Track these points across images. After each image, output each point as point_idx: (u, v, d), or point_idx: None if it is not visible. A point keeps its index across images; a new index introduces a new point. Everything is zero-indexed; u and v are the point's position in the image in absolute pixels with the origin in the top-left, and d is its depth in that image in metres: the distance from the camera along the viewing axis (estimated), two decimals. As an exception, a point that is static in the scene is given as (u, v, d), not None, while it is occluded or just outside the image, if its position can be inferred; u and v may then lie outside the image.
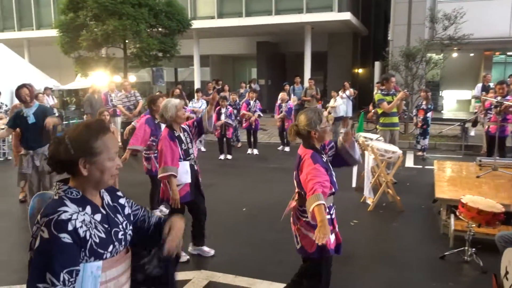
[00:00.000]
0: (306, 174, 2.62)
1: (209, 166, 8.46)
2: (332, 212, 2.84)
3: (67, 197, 1.50)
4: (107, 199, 1.66)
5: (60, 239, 1.39)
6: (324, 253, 2.70)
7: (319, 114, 2.79)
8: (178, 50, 13.94)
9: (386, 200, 5.88)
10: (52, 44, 14.28)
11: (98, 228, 1.52)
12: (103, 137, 1.53)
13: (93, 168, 1.51)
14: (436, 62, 11.68)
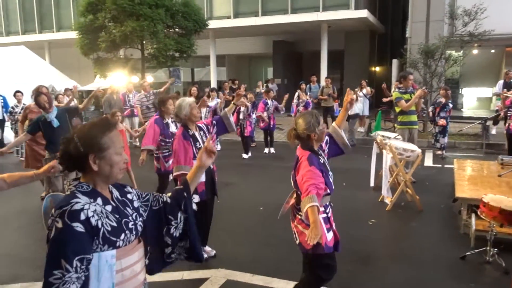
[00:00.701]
0: (301, 175, 2.70)
1: (226, 165, 8.50)
2: (329, 211, 2.89)
3: (78, 191, 1.60)
4: (116, 194, 1.75)
5: (73, 227, 1.48)
6: (318, 250, 2.75)
7: (316, 116, 2.84)
8: (194, 50, 14.05)
9: (404, 199, 5.81)
10: (72, 45, 14.57)
11: (109, 217, 1.61)
12: (109, 133, 1.63)
13: (102, 163, 1.61)
14: (456, 59, 11.46)
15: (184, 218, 1.91)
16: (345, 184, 6.80)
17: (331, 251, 2.83)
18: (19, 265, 4.13)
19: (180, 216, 1.90)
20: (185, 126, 3.93)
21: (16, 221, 5.37)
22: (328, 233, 2.81)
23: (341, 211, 5.55)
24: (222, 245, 4.46)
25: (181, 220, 1.90)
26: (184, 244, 1.93)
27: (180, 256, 1.95)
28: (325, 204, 2.84)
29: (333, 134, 3.15)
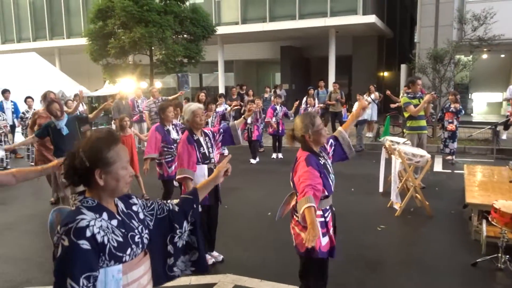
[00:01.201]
0: (298, 176, 2.68)
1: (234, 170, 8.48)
2: (327, 215, 2.83)
3: (84, 206, 1.57)
4: (121, 207, 1.72)
5: (79, 245, 1.46)
6: (312, 254, 2.72)
7: (312, 117, 2.83)
8: (202, 56, 14.13)
9: (414, 205, 5.76)
10: (82, 52, 14.73)
11: (115, 232, 1.58)
12: (115, 147, 1.61)
13: (108, 178, 1.58)
14: (465, 64, 11.38)
15: (190, 229, 1.90)
16: (353, 190, 6.76)
17: (325, 256, 2.80)
18: (29, 269, 4.15)
19: (185, 225, 1.89)
20: (190, 130, 3.95)
21: (26, 226, 5.42)
22: (323, 237, 2.76)
23: (350, 216, 5.53)
24: (230, 250, 4.45)
25: (186, 230, 1.90)
26: (192, 256, 1.93)
27: (186, 271, 1.94)
28: (324, 208, 2.80)
29: (339, 137, 3.13)
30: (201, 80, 23.53)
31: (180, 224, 1.87)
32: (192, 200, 1.93)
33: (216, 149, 4.12)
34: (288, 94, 17.11)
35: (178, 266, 1.92)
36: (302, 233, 2.76)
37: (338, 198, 6.20)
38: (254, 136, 9.41)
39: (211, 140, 4.02)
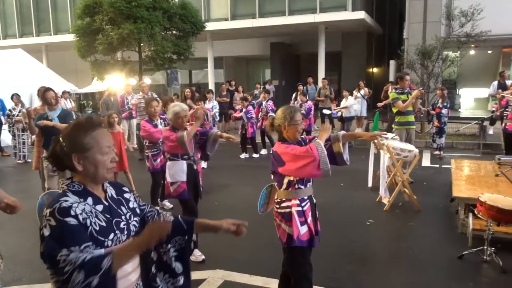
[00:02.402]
0: (291, 157, 2.71)
1: (223, 166, 8.51)
2: (305, 205, 2.86)
3: (69, 190, 1.60)
4: (111, 193, 1.73)
5: (67, 222, 1.47)
6: (291, 243, 2.79)
7: (293, 111, 2.85)
8: (192, 52, 14.06)
9: (402, 199, 5.82)
10: (69, 48, 14.57)
11: (98, 217, 1.59)
12: (92, 133, 1.61)
13: (86, 163, 1.60)
14: (453, 60, 11.51)
15: (175, 254, 1.86)
16: (343, 185, 6.81)
17: (304, 245, 2.82)
18: (19, 267, 4.11)
19: (169, 246, 1.85)
20: (173, 127, 4.08)
21: (16, 224, 5.35)
22: (301, 226, 2.81)
23: (339, 211, 5.58)
24: (220, 246, 4.46)
25: (169, 251, 1.85)
26: (176, 282, 1.88)
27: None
28: (300, 197, 2.85)
29: (333, 145, 2.93)
30: (191, 77, 23.42)
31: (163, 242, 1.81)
32: (185, 231, 1.85)
33: (197, 149, 4.14)
34: (278, 91, 17.12)
35: (161, 280, 1.87)
36: (282, 224, 2.85)
37: (328, 193, 6.26)
38: (249, 133, 9.41)
39: (192, 139, 4.06)
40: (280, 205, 2.89)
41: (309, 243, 2.85)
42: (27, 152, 9.99)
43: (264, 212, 3.15)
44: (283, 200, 2.87)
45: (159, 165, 5.43)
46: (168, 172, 4.09)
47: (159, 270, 1.87)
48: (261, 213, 3.16)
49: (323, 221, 5.16)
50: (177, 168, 4.00)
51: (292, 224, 2.80)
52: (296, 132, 2.84)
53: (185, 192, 4.03)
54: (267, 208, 3.14)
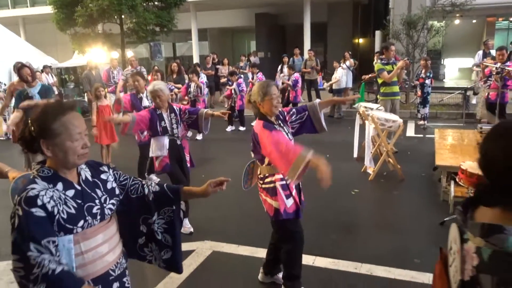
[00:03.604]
0: (269, 144, 2.65)
1: (210, 139, 8.49)
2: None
3: (39, 176, 1.54)
4: (86, 175, 1.67)
5: (33, 213, 1.44)
6: (279, 216, 2.84)
7: (267, 86, 2.82)
8: (175, 24, 13.74)
9: (387, 169, 5.92)
10: (48, 21, 14.09)
11: (68, 204, 1.54)
12: (62, 118, 1.53)
13: (55, 149, 1.54)
14: (438, 30, 11.48)
15: (164, 227, 1.86)
16: (328, 156, 6.87)
17: (291, 217, 2.88)
18: (6, 244, 4.09)
19: (156, 218, 1.85)
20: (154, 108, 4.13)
21: (2, 201, 5.29)
22: (287, 200, 2.85)
23: (325, 182, 5.65)
24: (208, 218, 4.51)
25: (156, 221, 1.85)
26: (165, 254, 1.88)
27: (157, 264, 1.91)
28: None
29: (310, 111, 3.06)
30: (175, 50, 22.97)
31: (151, 213, 1.83)
32: (172, 200, 1.84)
33: (183, 126, 4.19)
34: (264, 63, 16.94)
35: (152, 250, 1.88)
36: (267, 199, 2.89)
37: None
38: (237, 106, 9.38)
39: (177, 117, 4.12)
40: (264, 181, 2.92)
41: (295, 215, 2.91)
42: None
43: (248, 188, 3.18)
44: (266, 176, 2.90)
45: (147, 137, 5.42)
46: (151, 148, 4.20)
47: (150, 241, 1.86)
48: (245, 189, 3.19)
49: (308, 192, 5.23)
50: (158, 143, 4.10)
51: (277, 198, 2.84)
52: (272, 107, 2.81)
53: (167, 165, 4.13)
54: (251, 183, 3.17)
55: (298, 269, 3.00)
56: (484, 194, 1.13)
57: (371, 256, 3.59)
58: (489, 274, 1.00)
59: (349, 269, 3.42)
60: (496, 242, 1.03)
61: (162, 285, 3.25)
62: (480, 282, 1.01)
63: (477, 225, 1.09)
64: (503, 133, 1.07)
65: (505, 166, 1.04)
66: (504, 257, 1.01)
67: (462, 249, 1.13)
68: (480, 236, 1.07)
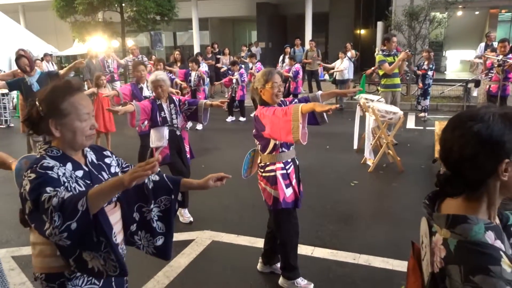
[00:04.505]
0: (269, 116, 2.67)
1: (212, 128, 8.49)
2: (289, 167, 2.91)
3: (48, 155, 1.54)
4: (92, 158, 1.68)
5: (48, 174, 1.43)
6: (277, 206, 2.87)
7: (270, 74, 2.81)
8: (176, 13, 13.67)
9: (386, 161, 5.93)
10: (48, 8, 13.99)
11: (79, 182, 1.55)
12: (70, 98, 1.53)
13: (64, 129, 1.54)
14: (440, 21, 11.42)
15: (158, 215, 1.84)
16: (328, 147, 6.89)
17: (290, 206, 2.91)
18: (7, 231, 4.14)
19: (153, 206, 1.83)
20: (155, 97, 4.15)
21: (3, 188, 5.33)
22: (286, 189, 2.87)
23: (324, 173, 5.67)
24: (208, 208, 4.53)
25: (152, 209, 1.83)
26: (156, 241, 1.86)
27: (147, 251, 1.88)
28: (285, 161, 2.89)
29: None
30: (175, 39, 22.85)
31: (148, 201, 1.81)
32: (171, 190, 1.82)
33: (182, 117, 4.20)
34: (265, 53, 16.86)
35: (141, 238, 1.86)
36: (267, 187, 2.90)
37: (313, 155, 6.33)
38: (238, 96, 9.35)
39: (176, 107, 4.14)
40: (264, 169, 2.92)
41: (294, 204, 2.93)
42: (9, 117, 9.80)
43: (247, 177, 3.18)
44: (267, 164, 2.90)
45: (147, 127, 5.46)
46: (151, 139, 4.22)
47: (140, 229, 1.85)
48: (245, 178, 3.19)
49: (308, 183, 5.24)
50: (158, 134, 4.12)
51: (277, 187, 2.85)
52: (273, 95, 2.79)
53: (168, 156, 4.14)
54: (251, 172, 3.18)
55: (294, 259, 3.03)
56: (445, 184, 1.16)
57: (370, 247, 3.61)
58: (456, 264, 1.02)
59: (348, 259, 3.44)
60: (461, 232, 1.05)
61: (162, 274, 3.28)
62: (450, 273, 1.03)
63: (443, 217, 1.12)
64: (458, 124, 1.10)
65: (460, 155, 1.07)
66: (469, 246, 1.02)
67: (431, 242, 1.15)
68: (446, 228, 1.09)
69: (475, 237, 1.03)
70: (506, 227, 1.23)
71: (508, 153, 1.04)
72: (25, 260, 3.47)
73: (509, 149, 1.04)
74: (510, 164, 1.05)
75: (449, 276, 1.03)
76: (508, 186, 1.08)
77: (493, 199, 1.11)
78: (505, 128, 1.04)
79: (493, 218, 1.12)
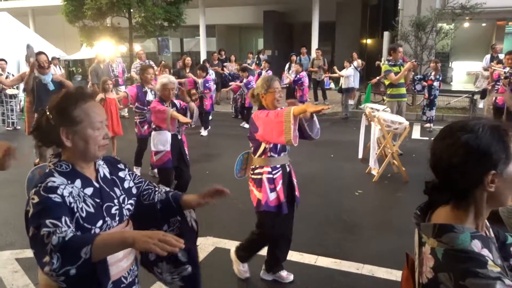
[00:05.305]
0: (262, 118, 2.79)
1: (217, 135, 8.51)
2: (276, 173, 2.97)
3: (57, 170, 1.46)
4: (104, 172, 1.59)
5: (51, 198, 1.34)
6: (260, 208, 2.97)
7: (271, 80, 2.91)
8: (183, 20, 13.78)
9: (391, 171, 5.91)
10: (57, 13, 14.14)
11: (87, 202, 1.45)
12: (83, 105, 1.46)
13: (76, 138, 1.45)
14: (447, 32, 11.42)
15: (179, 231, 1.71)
16: (333, 156, 6.88)
17: (272, 210, 2.96)
18: (9, 233, 4.15)
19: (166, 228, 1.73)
20: (160, 98, 4.26)
21: (8, 190, 5.35)
22: (270, 193, 2.94)
23: (329, 182, 5.66)
24: (211, 214, 4.52)
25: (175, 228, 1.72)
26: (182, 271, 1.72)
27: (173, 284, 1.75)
28: (272, 166, 2.96)
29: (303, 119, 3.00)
30: (182, 45, 23.00)
31: (159, 224, 1.70)
32: (175, 210, 1.70)
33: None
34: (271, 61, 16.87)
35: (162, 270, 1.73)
36: (254, 189, 3.01)
37: (318, 163, 6.33)
38: (247, 103, 8.99)
39: (177, 111, 4.27)
40: (254, 172, 3.04)
41: (277, 209, 2.98)
42: (16, 119, 9.87)
43: (241, 177, 3.28)
44: (256, 167, 3.01)
45: (147, 131, 5.59)
46: (152, 142, 4.29)
47: (160, 260, 1.72)
48: (239, 178, 3.29)
49: (312, 191, 5.24)
50: (162, 138, 4.18)
51: (262, 190, 2.95)
52: (274, 100, 2.89)
53: (169, 161, 4.21)
54: (245, 173, 3.27)
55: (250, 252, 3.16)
56: (432, 192, 1.19)
57: (374, 257, 3.59)
58: (446, 272, 1.03)
59: (351, 269, 3.42)
60: (448, 241, 1.07)
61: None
62: (441, 280, 1.04)
63: (430, 226, 1.14)
64: (449, 133, 1.14)
65: (449, 164, 1.10)
66: (456, 253, 1.04)
67: (420, 252, 1.17)
68: (433, 237, 1.11)
69: (461, 245, 1.05)
70: (504, 246, 1.25)
71: (495, 165, 1.06)
72: (29, 263, 3.47)
73: (496, 161, 1.06)
74: (496, 175, 1.07)
75: (442, 283, 1.04)
76: (495, 197, 1.10)
77: (481, 209, 1.12)
78: (493, 140, 1.07)
79: (481, 229, 1.14)
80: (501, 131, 1.09)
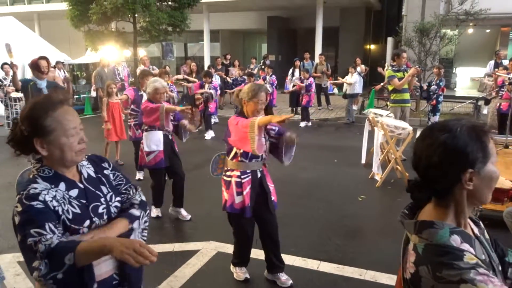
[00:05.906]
0: (235, 127, 2.89)
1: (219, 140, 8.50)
2: (244, 177, 3.04)
3: (40, 176, 1.46)
4: (88, 172, 1.59)
5: (33, 206, 1.36)
6: (225, 208, 3.13)
7: (258, 89, 2.95)
8: (187, 25, 13.81)
9: (394, 176, 5.89)
10: (62, 17, 14.25)
11: (72, 203, 1.46)
12: (54, 113, 1.43)
13: (51, 148, 1.44)
14: (451, 38, 11.41)
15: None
16: (336, 161, 6.86)
17: (234, 212, 3.07)
18: (11, 236, 4.15)
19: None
20: (150, 101, 4.31)
21: (7, 193, 5.37)
22: (237, 196, 3.04)
23: (332, 187, 5.64)
24: (213, 218, 4.52)
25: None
26: None
27: None
28: (242, 170, 3.04)
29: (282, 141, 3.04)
30: (186, 50, 23.08)
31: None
32: None
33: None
34: (275, 66, 16.93)
35: None
36: (224, 190, 3.15)
37: (321, 168, 6.32)
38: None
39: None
40: (225, 173, 3.15)
41: (241, 211, 3.06)
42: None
43: (217, 176, 3.36)
44: (228, 169, 3.13)
45: (141, 134, 5.58)
46: (144, 142, 4.32)
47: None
48: (214, 176, 3.39)
49: (315, 196, 5.23)
50: (154, 137, 4.24)
51: (229, 192, 3.06)
52: (255, 110, 2.93)
53: (162, 161, 4.28)
54: (221, 172, 3.34)
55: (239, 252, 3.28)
56: (414, 189, 1.25)
57: (377, 263, 3.57)
58: (424, 265, 1.08)
59: (354, 275, 3.40)
60: (427, 237, 1.12)
61: (166, 284, 3.27)
62: (421, 274, 1.08)
63: (411, 223, 1.19)
64: (429, 134, 1.18)
65: (428, 163, 1.15)
66: (434, 248, 1.09)
67: (406, 250, 1.21)
68: (415, 233, 1.16)
69: (440, 240, 1.09)
70: (504, 264, 1.29)
71: (472, 163, 1.10)
72: (30, 265, 3.47)
73: (473, 160, 1.10)
74: (474, 174, 1.11)
75: (422, 277, 1.08)
76: (474, 195, 1.15)
77: (461, 207, 1.17)
78: (470, 139, 1.11)
79: (463, 226, 1.18)
80: (478, 131, 1.13)
